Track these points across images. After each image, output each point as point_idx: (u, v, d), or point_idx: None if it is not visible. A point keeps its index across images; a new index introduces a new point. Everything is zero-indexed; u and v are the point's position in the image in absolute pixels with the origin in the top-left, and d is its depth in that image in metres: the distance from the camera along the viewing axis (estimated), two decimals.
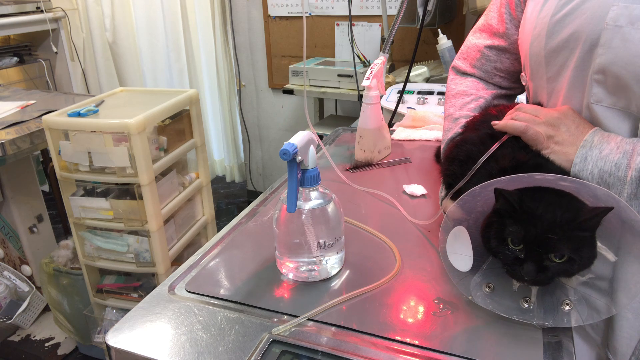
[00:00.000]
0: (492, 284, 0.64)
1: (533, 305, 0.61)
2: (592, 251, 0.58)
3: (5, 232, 1.96)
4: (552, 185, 0.59)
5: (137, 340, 0.60)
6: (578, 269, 0.58)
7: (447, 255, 0.64)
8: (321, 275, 0.71)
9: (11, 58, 2.48)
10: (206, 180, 1.77)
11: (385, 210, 0.91)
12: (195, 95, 1.63)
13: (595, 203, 0.57)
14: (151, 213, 1.45)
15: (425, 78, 1.94)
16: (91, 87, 2.74)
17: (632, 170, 0.59)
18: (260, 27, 2.82)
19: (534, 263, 0.57)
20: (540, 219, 0.57)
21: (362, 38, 2.55)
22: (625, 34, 0.60)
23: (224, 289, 0.70)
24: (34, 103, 1.84)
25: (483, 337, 0.59)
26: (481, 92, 0.91)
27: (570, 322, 0.59)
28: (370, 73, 1.06)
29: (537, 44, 0.72)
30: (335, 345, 0.58)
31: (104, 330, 1.74)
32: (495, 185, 0.59)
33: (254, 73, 2.97)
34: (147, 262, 1.55)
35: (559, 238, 0.56)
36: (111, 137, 1.41)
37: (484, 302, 0.62)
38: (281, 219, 0.68)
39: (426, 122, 1.32)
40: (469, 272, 0.64)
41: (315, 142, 0.68)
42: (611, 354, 0.70)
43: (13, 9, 2.32)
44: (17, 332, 2.03)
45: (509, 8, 0.86)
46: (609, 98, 0.65)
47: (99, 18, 2.59)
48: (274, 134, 3.09)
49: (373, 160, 1.12)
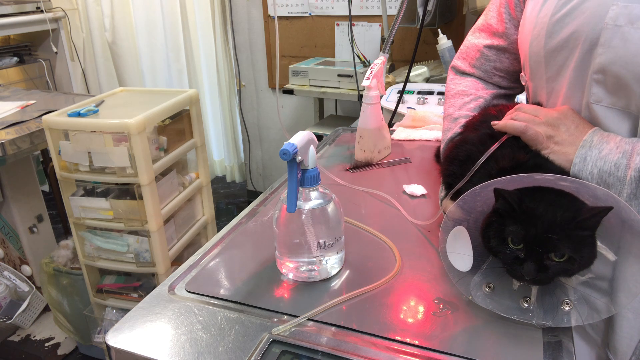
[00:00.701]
0: (492, 284, 0.64)
1: (533, 305, 0.61)
2: (592, 250, 0.58)
3: (5, 232, 1.96)
4: (552, 185, 0.59)
5: (137, 340, 0.60)
6: (578, 268, 0.58)
7: (447, 255, 0.64)
8: (321, 275, 0.71)
9: (11, 58, 2.48)
10: (206, 180, 1.77)
11: (385, 210, 0.91)
12: (195, 95, 1.63)
13: (595, 203, 0.57)
14: (151, 213, 1.45)
15: (425, 78, 1.94)
16: (91, 87, 2.74)
17: (632, 170, 0.59)
18: (260, 27, 2.82)
19: (534, 262, 0.57)
20: (540, 218, 0.57)
21: (362, 38, 2.55)
22: (624, 33, 0.60)
23: (224, 289, 0.70)
24: (34, 103, 1.85)
25: (483, 337, 0.59)
26: (480, 92, 0.91)
27: (570, 321, 0.59)
28: (370, 73, 1.06)
29: (537, 43, 0.72)
30: (335, 345, 0.58)
31: (104, 330, 1.74)
32: (495, 186, 0.59)
33: (254, 73, 2.97)
34: (147, 262, 1.55)
35: (559, 237, 0.56)
36: (111, 137, 1.41)
37: (484, 302, 0.62)
38: (281, 219, 0.68)
39: (426, 122, 1.32)
40: (469, 272, 0.64)
41: (315, 142, 0.68)
42: (611, 354, 0.70)
43: (13, 9, 2.32)
44: (17, 332, 2.03)
45: (508, 8, 0.86)
46: (608, 98, 0.65)
47: (98, 18, 2.59)
48: (274, 134, 3.09)
49: (373, 160, 1.12)
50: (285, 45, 2.79)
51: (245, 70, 2.97)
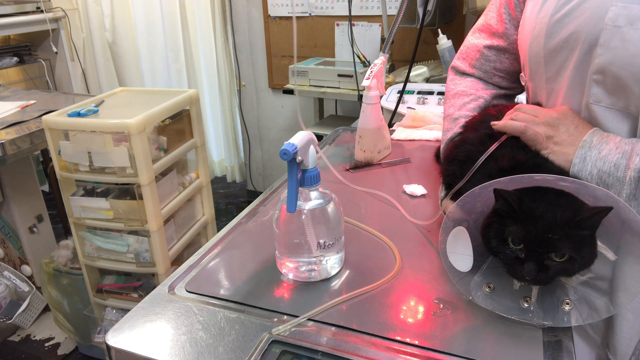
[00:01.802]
0: (492, 284, 0.64)
1: (533, 305, 0.61)
2: (592, 250, 0.58)
3: (5, 232, 1.96)
4: (552, 185, 0.59)
5: (137, 340, 0.61)
6: (579, 268, 0.58)
7: (447, 255, 0.64)
8: (321, 275, 0.71)
9: (11, 58, 2.48)
10: (206, 180, 1.77)
11: (385, 210, 0.91)
12: (195, 95, 1.63)
13: (595, 203, 0.57)
14: (151, 213, 1.45)
15: (425, 78, 1.94)
16: (91, 87, 2.74)
17: (631, 170, 0.59)
18: (260, 27, 2.82)
19: (534, 262, 0.57)
20: (540, 218, 0.57)
21: (362, 38, 2.55)
22: (624, 34, 0.60)
23: (224, 289, 0.70)
24: (34, 103, 1.85)
25: (483, 337, 0.59)
26: (480, 92, 0.91)
27: (571, 321, 0.59)
28: (370, 73, 1.06)
29: (536, 44, 0.72)
30: (335, 345, 0.58)
31: (104, 330, 1.74)
32: (495, 186, 0.59)
33: (254, 73, 2.97)
34: (147, 262, 1.55)
35: (559, 237, 0.56)
36: (111, 137, 1.41)
37: (484, 302, 0.62)
38: (281, 219, 0.68)
39: (426, 122, 1.32)
40: (469, 272, 0.64)
41: (315, 142, 0.68)
42: (611, 354, 0.70)
43: (13, 9, 2.32)
44: (17, 332, 2.03)
45: (508, 8, 0.86)
46: (608, 98, 0.65)
47: (98, 18, 2.59)
48: (274, 134, 3.09)
49: (373, 160, 1.12)
50: (285, 45, 2.79)
51: (245, 70, 2.98)
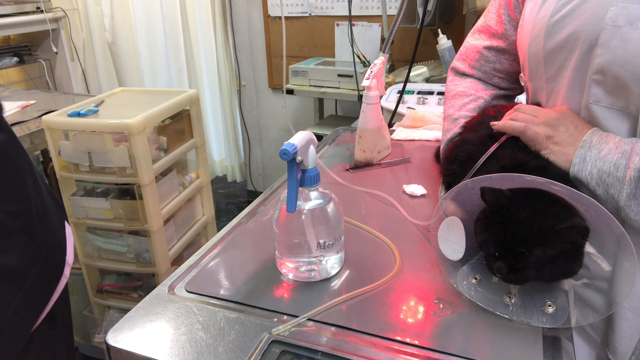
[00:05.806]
0: (479, 276, 0.66)
1: (514, 301, 0.62)
2: (570, 264, 0.58)
3: None
4: (545, 188, 0.59)
5: (137, 340, 0.61)
6: (552, 279, 0.59)
7: (438, 240, 0.65)
8: (321, 275, 0.71)
9: (11, 58, 2.48)
10: (206, 180, 1.77)
11: (385, 211, 0.91)
12: (195, 95, 1.63)
13: (586, 210, 0.57)
14: (151, 213, 1.45)
15: (425, 78, 1.94)
16: (91, 87, 2.74)
17: (631, 170, 0.59)
18: (260, 27, 2.82)
19: (505, 263, 0.58)
20: (518, 226, 0.57)
21: (362, 38, 2.55)
22: (624, 34, 0.60)
23: (224, 289, 0.70)
24: (34, 103, 1.85)
25: (483, 337, 0.59)
26: (480, 93, 0.91)
27: (549, 323, 0.60)
28: (370, 73, 1.06)
29: (536, 44, 0.72)
30: (335, 345, 0.58)
31: (104, 331, 1.74)
32: (487, 182, 0.59)
33: (254, 73, 2.97)
34: (147, 262, 1.55)
35: (528, 251, 0.56)
36: (111, 137, 1.41)
37: (468, 292, 0.64)
38: (281, 219, 0.68)
39: (426, 122, 1.32)
40: (460, 261, 0.65)
41: (315, 142, 0.68)
42: (611, 354, 0.70)
43: (13, 9, 2.32)
44: None
45: (507, 9, 0.86)
46: (608, 98, 0.65)
47: (98, 18, 2.59)
48: (274, 134, 3.09)
49: (373, 160, 1.12)
50: (286, 45, 2.79)
51: (245, 70, 2.98)
